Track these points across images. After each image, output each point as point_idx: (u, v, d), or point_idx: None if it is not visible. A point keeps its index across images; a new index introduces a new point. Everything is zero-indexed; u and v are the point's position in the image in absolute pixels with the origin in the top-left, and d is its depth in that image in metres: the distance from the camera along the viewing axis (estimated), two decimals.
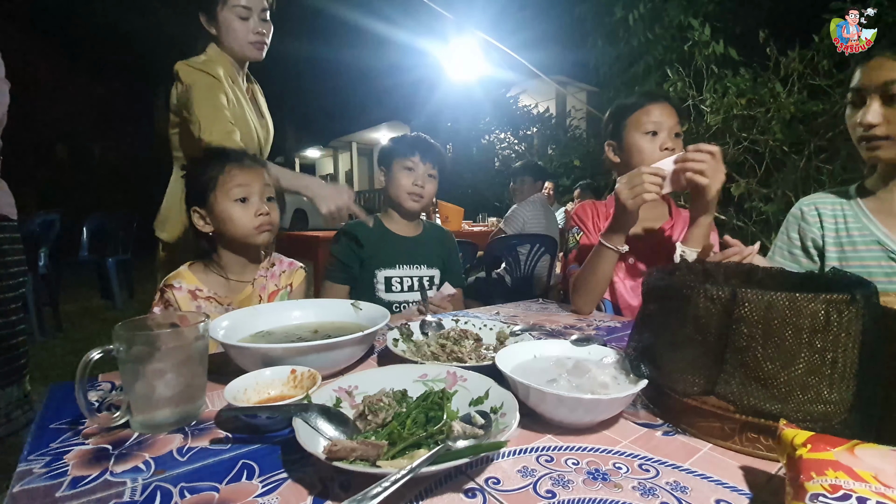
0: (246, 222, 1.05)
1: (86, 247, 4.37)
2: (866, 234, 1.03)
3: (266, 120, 1.58)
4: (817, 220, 1.10)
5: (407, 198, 1.40)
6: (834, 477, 0.36)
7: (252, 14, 1.37)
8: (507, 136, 9.25)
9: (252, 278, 1.14)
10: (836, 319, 0.47)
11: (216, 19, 1.37)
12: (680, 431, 0.56)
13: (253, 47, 1.41)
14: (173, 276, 1.07)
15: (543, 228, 3.16)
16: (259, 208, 1.06)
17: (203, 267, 1.11)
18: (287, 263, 1.22)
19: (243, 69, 1.49)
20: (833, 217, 1.09)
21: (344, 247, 1.40)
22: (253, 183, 1.07)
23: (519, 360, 0.66)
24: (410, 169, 1.39)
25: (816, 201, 1.13)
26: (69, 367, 2.61)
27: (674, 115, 1.16)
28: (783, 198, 2.80)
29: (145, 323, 0.62)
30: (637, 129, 1.16)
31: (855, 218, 1.06)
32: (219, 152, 1.12)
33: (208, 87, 1.30)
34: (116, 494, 0.43)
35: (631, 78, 4.67)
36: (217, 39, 1.40)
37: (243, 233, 1.06)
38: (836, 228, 1.07)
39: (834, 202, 1.10)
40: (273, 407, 0.53)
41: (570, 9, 5.42)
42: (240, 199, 1.05)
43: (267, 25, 1.42)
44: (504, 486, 0.45)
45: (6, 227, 1.20)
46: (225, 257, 1.11)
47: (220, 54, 1.40)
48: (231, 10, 1.35)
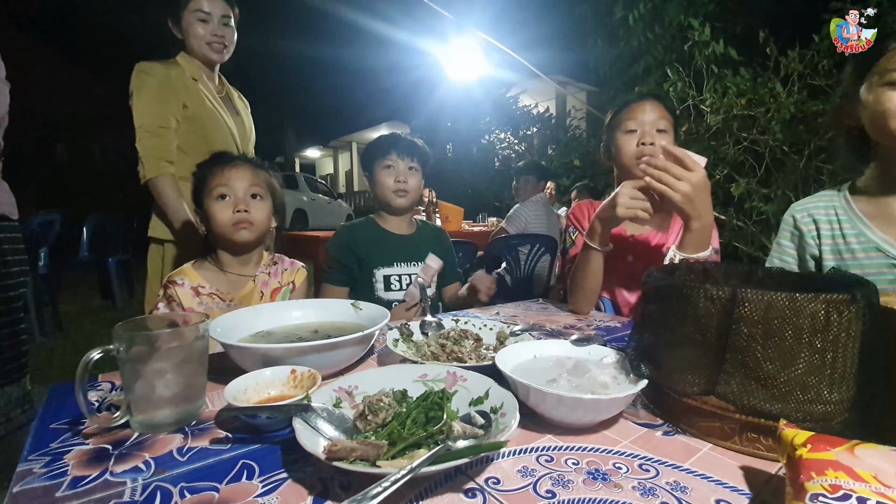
0: (223, 218, 1.08)
1: (86, 247, 4.37)
2: (864, 240, 0.97)
3: (242, 118, 1.71)
4: (813, 227, 1.05)
5: (393, 196, 1.41)
6: (834, 477, 0.36)
7: (212, 19, 1.54)
8: (507, 136, 9.26)
9: (253, 274, 1.16)
10: (836, 319, 0.47)
11: (180, 24, 1.53)
12: (680, 431, 0.56)
13: (211, 49, 1.56)
14: (176, 273, 1.10)
15: (545, 228, 3.17)
16: (237, 205, 1.08)
17: (205, 264, 1.14)
18: (289, 262, 1.24)
19: (214, 71, 1.64)
20: (828, 223, 1.03)
21: (341, 248, 1.41)
22: (233, 181, 1.09)
23: (519, 360, 0.66)
24: (390, 167, 1.41)
25: (809, 207, 1.07)
26: (69, 367, 2.61)
27: (657, 109, 1.16)
28: (783, 198, 2.80)
29: (145, 323, 0.62)
30: (620, 129, 1.19)
31: (850, 223, 1.00)
32: (218, 155, 1.15)
33: (148, 92, 1.46)
34: (116, 494, 0.43)
35: (631, 78, 4.67)
36: (183, 44, 1.56)
37: (221, 229, 1.08)
38: (833, 235, 1.02)
39: (827, 206, 1.04)
40: (273, 407, 0.53)
41: (570, 9, 5.42)
42: (220, 197, 1.08)
43: (228, 31, 1.58)
44: (504, 486, 0.45)
45: (7, 227, 1.20)
46: (222, 256, 1.14)
47: (188, 59, 1.57)
48: (192, 15, 1.52)
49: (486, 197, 8.52)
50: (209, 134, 1.55)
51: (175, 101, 1.49)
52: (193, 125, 1.53)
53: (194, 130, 1.53)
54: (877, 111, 0.89)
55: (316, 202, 11.55)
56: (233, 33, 1.60)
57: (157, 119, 1.46)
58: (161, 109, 1.46)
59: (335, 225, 1.44)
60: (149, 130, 1.45)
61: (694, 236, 0.96)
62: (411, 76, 10.15)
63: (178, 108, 1.50)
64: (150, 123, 1.45)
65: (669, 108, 1.20)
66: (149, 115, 1.45)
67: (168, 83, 1.48)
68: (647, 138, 1.13)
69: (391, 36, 8.66)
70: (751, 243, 3.03)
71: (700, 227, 0.95)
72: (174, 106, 1.49)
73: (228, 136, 1.60)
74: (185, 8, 1.51)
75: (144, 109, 1.46)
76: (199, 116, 1.53)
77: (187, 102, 1.51)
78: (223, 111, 1.61)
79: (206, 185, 1.10)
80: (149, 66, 1.49)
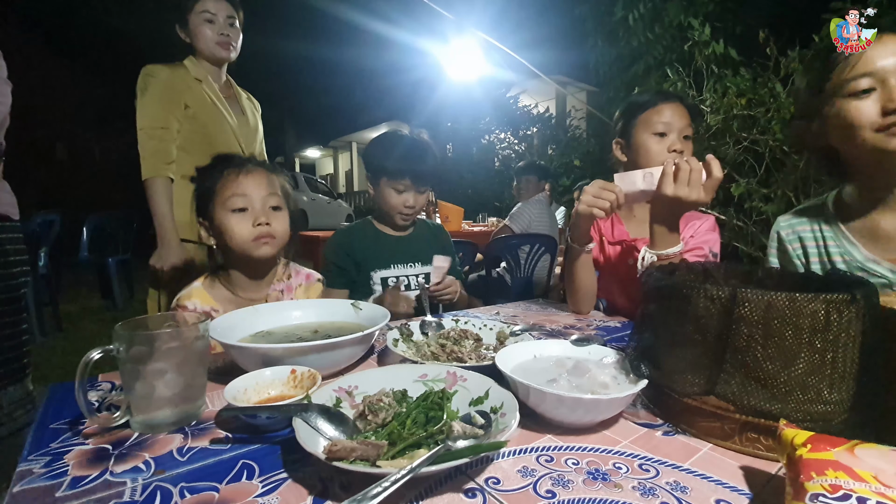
0: (243, 234, 0.97)
1: (86, 247, 4.37)
2: (849, 259, 0.93)
3: (247, 117, 1.72)
4: (798, 245, 1.02)
5: (397, 216, 1.38)
6: (834, 477, 0.36)
7: (217, 19, 1.57)
8: (507, 136, 9.25)
9: (265, 294, 1.06)
10: (836, 319, 0.47)
11: (188, 26, 1.57)
12: (680, 431, 0.56)
13: (220, 48, 1.59)
14: (186, 297, 1.01)
15: (547, 228, 3.17)
16: (258, 218, 0.98)
17: (216, 283, 1.04)
18: (304, 276, 1.15)
19: (221, 71, 1.67)
20: (814, 240, 1.00)
21: (338, 252, 1.38)
22: (252, 191, 0.98)
23: (519, 360, 0.66)
24: (401, 191, 1.34)
25: (794, 223, 1.04)
26: (69, 367, 2.61)
27: (685, 116, 1.14)
28: (783, 198, 2.80)
29: (145, 323, 0.62)
30: (646, 129, 1.14)
31: (836, 241, 0.96)
32: (221, 158, 1.05)
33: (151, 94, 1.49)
34: (116, 494, 0.43)
35: (631, 78, 4.67)
36: (191, 47, 1.59)
37: (240, 245, 0.98)
38: (819, 254, 0.98)
39: (812, 222, 1.00)
40: (273, 407, 0.53)
41: (570, 9, 5.43)
42: (238, 209, 0.97)
43: (234, 31, 1.61)
44: (504, 486, 0.45)
45: (8, 227, 1.20)
46: (233, 272, 1.04)
47: (195, 61, 1.60)
48: (198, 16, 1.55)
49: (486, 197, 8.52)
50: (210, 133, 1.57)
51: (177, 102, 1.52)
52: (195, 125, 1.55)
53: (195, 130, 1.56)
54: (842, 125, 0.85)
55: (316, 202, 11.56)
56: (238, 34, 1.63)
57: (158, 121, 1.49)
58: (162, 111, 1.50)
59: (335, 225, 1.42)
60: (148, 132, 1.49)
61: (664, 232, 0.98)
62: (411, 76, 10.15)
63: (180, 109, 1.53)
64: (150, 125, 1.49)
65: (692, 113, 1.18)
66: (149, 116, 1.49)
67: (171, 85, 1.51)
68: (678, 146, 1.12)
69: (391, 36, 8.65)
70: (751, 243, 3.02)
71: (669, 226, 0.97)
72: (176, 108, 1.52)
73: (231, 136, 1.62)
74: (191, 10, 1.54)
75: (146, 111, 1.50)
76: (200, 116, 1.56)
77: (189, 102, 1.54)
78: (226, 111, 1.63)
79: (215, 194, 0.98)
80: (154, 68, 1.52)
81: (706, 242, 1.15)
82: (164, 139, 1.49)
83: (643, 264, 0.98)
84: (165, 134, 1.49)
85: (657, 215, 0.98)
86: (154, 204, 1.48)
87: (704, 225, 1.19)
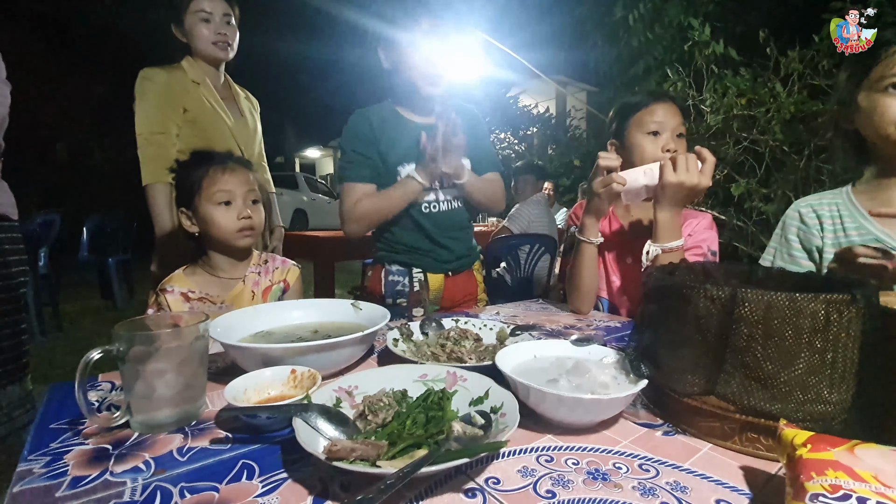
0: (228, 225, 1.07)
1: (86, 247, 4.37)
2: (864, 233, 1.01)
3: (246, 119, 1.71)
4: (816, 222, 1.09)
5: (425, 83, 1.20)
6: (834, 477, 0.36)
7: (213, 17, 1.55)
8: (507, 136, 9.24)
9: (243, 275, 1.15)
10: (836, 319, 0.47)
11: (184, 26, 1.55)
12: (680, 431, 0.56)
13: (217, 47, 1.57)
14: (167, 281, 1.09)
15: (546, 228, 3.17)
16: (241, 212, 1.08)
17: (194, 268, 1.13)
18: (280, 261, 1.24)
19: (219, 71, 1.65)
20: (831, 218, 1.07)
21: (356, 137, 1.22)
22: (236, 186, 1.08)
23: (519, 360, 0.66)
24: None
25: (812, 203, 1.11)
26: (69, 367, 2.61)
27: (678, 115, 1.16)
28: (783, 198, 2.80)
29: (145, 323, 0.62)
30: (639, 129, 1.16)
31: (851, 217, 1.04)
32: (204, 155, 1.14)
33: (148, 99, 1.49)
34: (116, 494, 0.43)
35: (631, 78, 4.67)
36: (188, 47, 1.57)
37: (225, 236, 1.08)
38: (835, 230, 1.06)
39: (829, 203, 1.09)
40: (273, 407, 0.53)
41: (570, 9, 5.42)
42: (223, 203, 1.07)
43: (230, 29, 1.59)
44: (504, 486, 0.45)
45: (7, 227, 1.20)
46: (213, 257, 1.13)
47: (192, 62, 1.58)
48: (195, 16, 1.53)
49: None
50: (209, 136, 1.57)
51: (175, 106, 1.51)
52: (194, 128, 1.55)
53: (195, 133, 1.55)
54: (874, 117, 0.93)
55: (316, 202, 11.55)
56: (235, 32, 1.62)
57: (156, 126, 1.49)
58: (161, 116, 1.49)
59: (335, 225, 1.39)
60: (147, 138, 1.48)
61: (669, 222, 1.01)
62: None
63: (178, 113, 1.52)
64: (148, 131, 1.48)
65: (683, 111, 1.21)
66: (148, 121, 1.49)
67: (168, 89, 1.50)
68: (672, 145, 1.15)
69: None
70: (751, 243, 3.02)
71: (672, 215, 1.01)
72: (174, 112, 1.51)
73: (229, 138, 1.62)
74: (186, 10, 1.53)
75: (144, 116, 1.49)
76: (198, 119, 1.55)
77: (187, 106, 1.53)
78: (225, 113, 1.62)
79: (199, 188, 1.07)
80: (151, 72, 1.51)
81: (704, 241, 1.16)
82: (163, 144, 1.49)
83: (648, 258, 1.01)
84: (164, 139, 1.49)
85: (663, 205, 1.01)
86: (155, 209, 1.48)
87: (702, 223, 1.20)
